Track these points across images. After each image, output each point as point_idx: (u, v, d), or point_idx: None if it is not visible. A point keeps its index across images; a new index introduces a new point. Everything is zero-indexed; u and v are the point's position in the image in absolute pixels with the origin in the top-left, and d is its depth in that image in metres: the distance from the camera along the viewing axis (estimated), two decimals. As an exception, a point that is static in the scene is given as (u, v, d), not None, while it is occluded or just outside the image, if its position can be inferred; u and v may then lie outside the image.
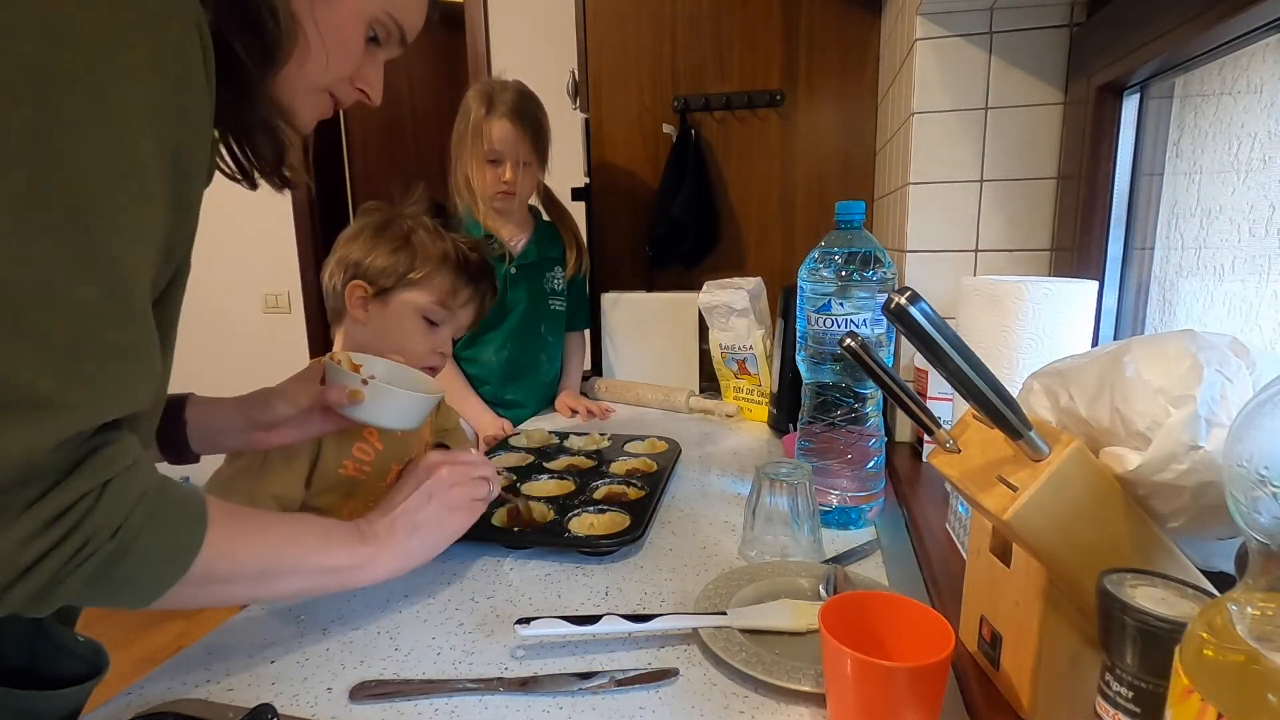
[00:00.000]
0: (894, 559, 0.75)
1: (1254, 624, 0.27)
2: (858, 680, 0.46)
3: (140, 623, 2.22)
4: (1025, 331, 0.71)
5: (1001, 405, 0.41)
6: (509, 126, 1.29)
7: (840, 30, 1.46)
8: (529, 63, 2.13)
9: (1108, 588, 0.37)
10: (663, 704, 0.54)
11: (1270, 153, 0.63)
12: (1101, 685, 0.38)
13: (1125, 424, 0.43)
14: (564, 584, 0.72)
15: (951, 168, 0.99)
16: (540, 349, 1.44)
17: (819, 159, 1.52)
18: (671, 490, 0.97)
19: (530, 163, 1.33)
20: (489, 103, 1.30)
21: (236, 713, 0.51)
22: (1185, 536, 0.44)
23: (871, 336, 0.81)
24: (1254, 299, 0.65)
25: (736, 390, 1.38)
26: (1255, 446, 0.27)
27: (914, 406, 0.52)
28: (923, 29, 0.96)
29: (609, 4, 1.56)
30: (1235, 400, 0.40)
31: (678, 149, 1.54)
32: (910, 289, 0.40)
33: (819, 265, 0.82)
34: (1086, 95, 0.86)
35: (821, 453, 0.85)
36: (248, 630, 0.64)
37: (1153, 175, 0.83)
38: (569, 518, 0.82)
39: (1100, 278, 0.86)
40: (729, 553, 0.78)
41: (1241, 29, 0.59)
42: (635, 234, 1.63)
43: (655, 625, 0.60)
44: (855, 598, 0.52)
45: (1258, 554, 0.28)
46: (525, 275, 1.40)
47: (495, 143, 1.29)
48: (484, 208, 1.34)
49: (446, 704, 0.54)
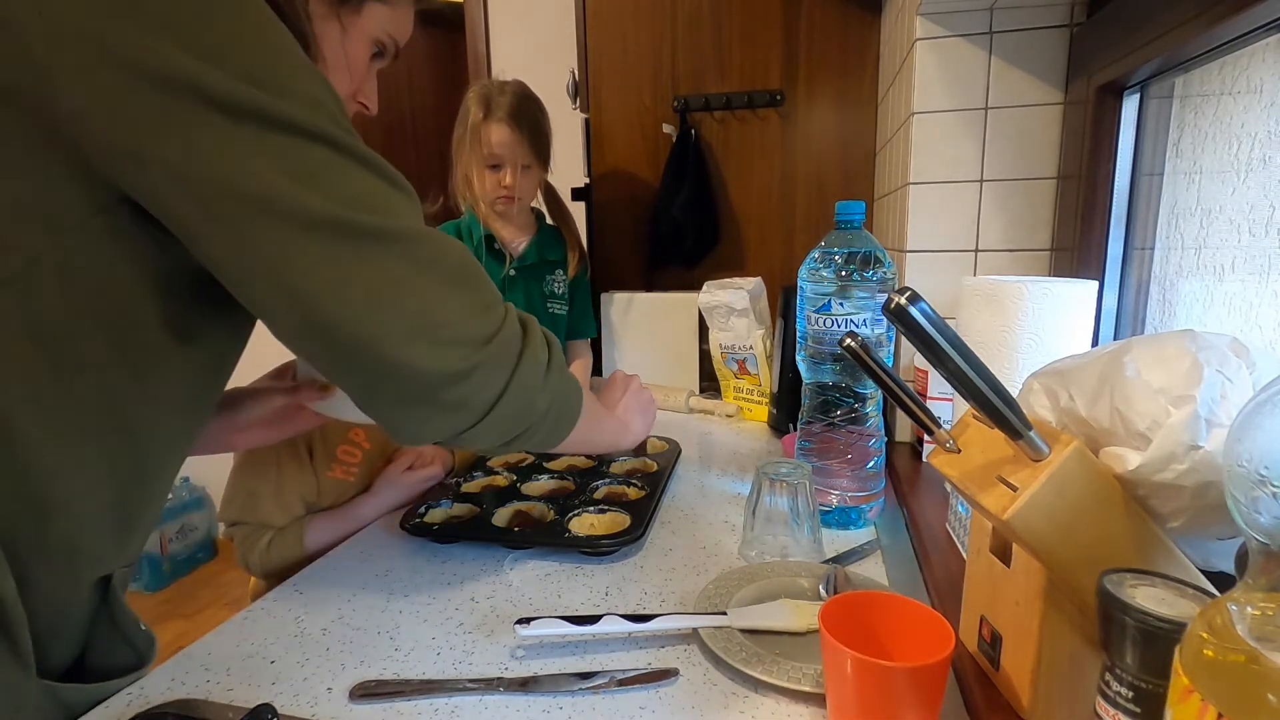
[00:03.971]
0: (894, 559, 0.75)
1: (1254, 624, 0.27)
2: (858, 680, 0.46)
3: (140, 623, 2.22)
4: (1025, 331, 0.71)
5: (1001, 405, 0.41)
6: (507, 130, 1.28)
7: (840, 30, 1.46)
8: (529, 63, 2.12)
9: (1108, 588, 0.37)
10: (663, 704, 0.54)
11: (1270, 153, 0.63)
12: (1101, 685, 0.38)
13: (1125, 424, 0.43)
14: (564, 584, 0.72)
15: (951, 168, 0.99)
16: None
17: (819, 159, 1.52)
18: (671, 490, 0.97)
19: (530, 165, 1.32)
20: (487, 106, 1.29)
21: (236, 713, 0.51)
22: (1185, 536, 0.44)
23: (871, 336, 0.81)
24: (1254, 299, 0.65)
25: (736, 390, 1.38)
26: (1255, 446, 0.27)
27: (914, 406, 0.52)
28: (923, 29, 0.96)
29: (609, 4, 1.56)
30: (1235, 400, 0.40)
31: (678, 149, 1.54)
32: (910, 289, 0.40)
33: (819, 265, 0.82)
34: (1086, 95, 0.86)
35: (821, 453, 0.85)
36: (248, 630, 0.64)
37: (1153, 175, 0.83)
38: (569, 518, 0.82)
39: (1100, 278, 0.86)
40: (729, 553, 0.78)
41: (1241, 29, 0.59)
42: (635, 234, 1.63)
43: (655, 625, 0.60)
44: (855, 598, 0.52)
45: (1258, 554, 0.28)
46: (524, 277, 1.39)
47: (494, 147, 1.29)
48: (485, 210, 1.34)
49: (446, 704, 0.54)
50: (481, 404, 0.54)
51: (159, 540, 2.51)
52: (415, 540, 0.82)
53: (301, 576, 0.74)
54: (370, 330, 0.48)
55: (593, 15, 1.57)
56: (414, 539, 0.82)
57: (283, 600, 0.70)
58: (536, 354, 0.58)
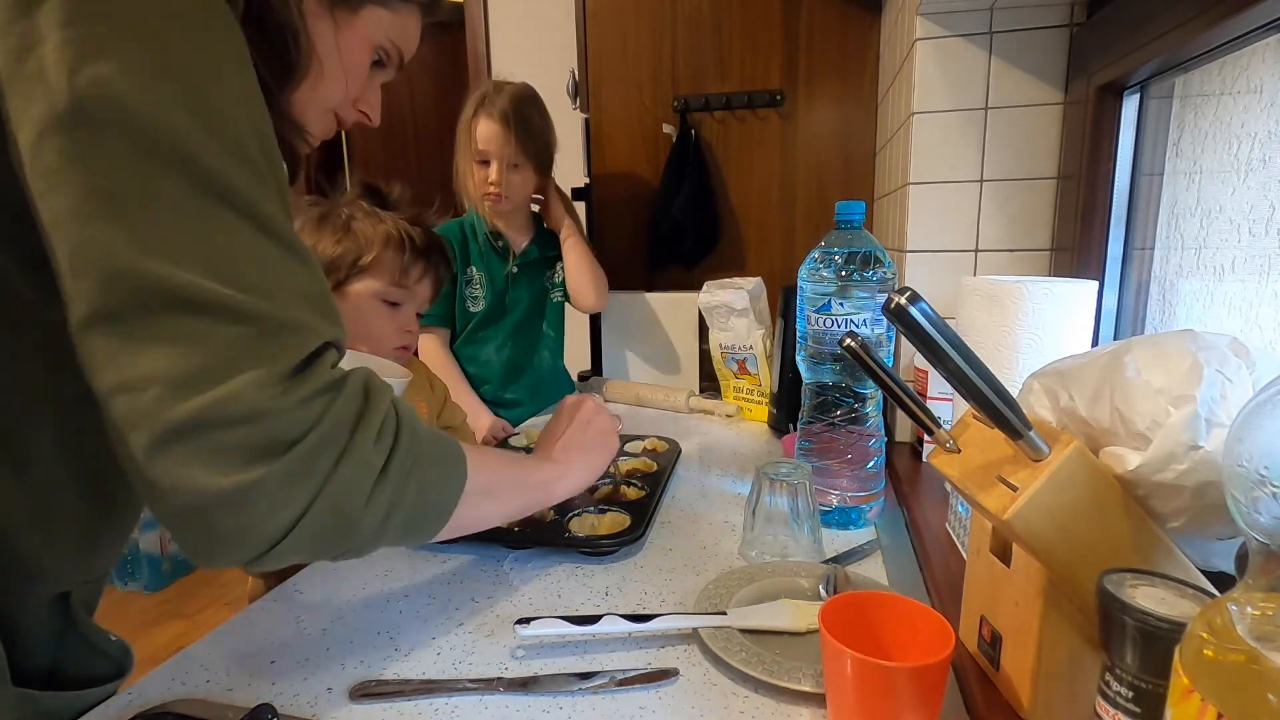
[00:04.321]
0: (894, 559, 0.75)
1: (1254, 624, 0.27)
2: (858, 680, 0.46)
3: (140, 623, 2.22)
4: (1025, 331, 0.71)
5: (1001, 405, 0.41)
6: (494, 127, 1.28)
7: (840, 30, 1.46)
8: (529, 63, 2.13)
9: (1108, 588, 0.37)
10: (663, 704, 0.54)
11: (1270, 153, 0.63)
12: (1101, 685, 0.38)
13: (1125, 424, 0.43)
14: (564, 584, 0.72)
15: (951, 168, 0.99)
16: (542, 345, 1.44)
17: (819, 159, 1.52)
18: (671, 490, 0.97)
19: (520, 165, 1.32)
20: (481, 102, 1.30)
21: (236, 713, 0.51)
22: (1185, 536, 0.44)
23: (871, 336, 0.81)
24: (1254, 299, 0.65)
25: (736, 390, 1.38)
26: (1255, 446, 0.27)
27: (914, 406, 0.52)
28: (923, 29, 0.96)
29: (609, 4, 1.56)
30: (1235, 400, 0.40)
31: (678, 149, 1.54)
32: (910, 289, 0.40)
33: (819, 265, 0.82)
34: (1086, 95, 0.86)
35: (821, 453, 0.85)
36: (248, 630, 0.64)
37: (1153, 175, 0.83)
38: (569, 518, 0.82)
39: (1100, 278, 0.86)
40: (729, 553, 0.78)
41: (1241, 29, 0.59)
42: (635, 234, 1.63)
43: (655, 625, 0.60)
44: (855, 598, 0.52)
45: (1258, 554, 0.28)
46: (526, 274, 1.40)
47: (480, 142, 1.29)
48: (482, 210, 1.34)
49: (446, 704, 0.54)
50: (271, 532, 0.41)
51: (159, 540, 2.51)
52: (415, 540, 0.82)
53: (301, 576, 0.74)
54: (120, 413, 0.39)
55: (593, 15, 1.57)
56: (414, 539, 0.82)
57: (283, 600, 0.70)
58: (364, 456, 0.44)
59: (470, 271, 1.37)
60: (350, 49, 0.58)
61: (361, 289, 0.91)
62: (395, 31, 0.60)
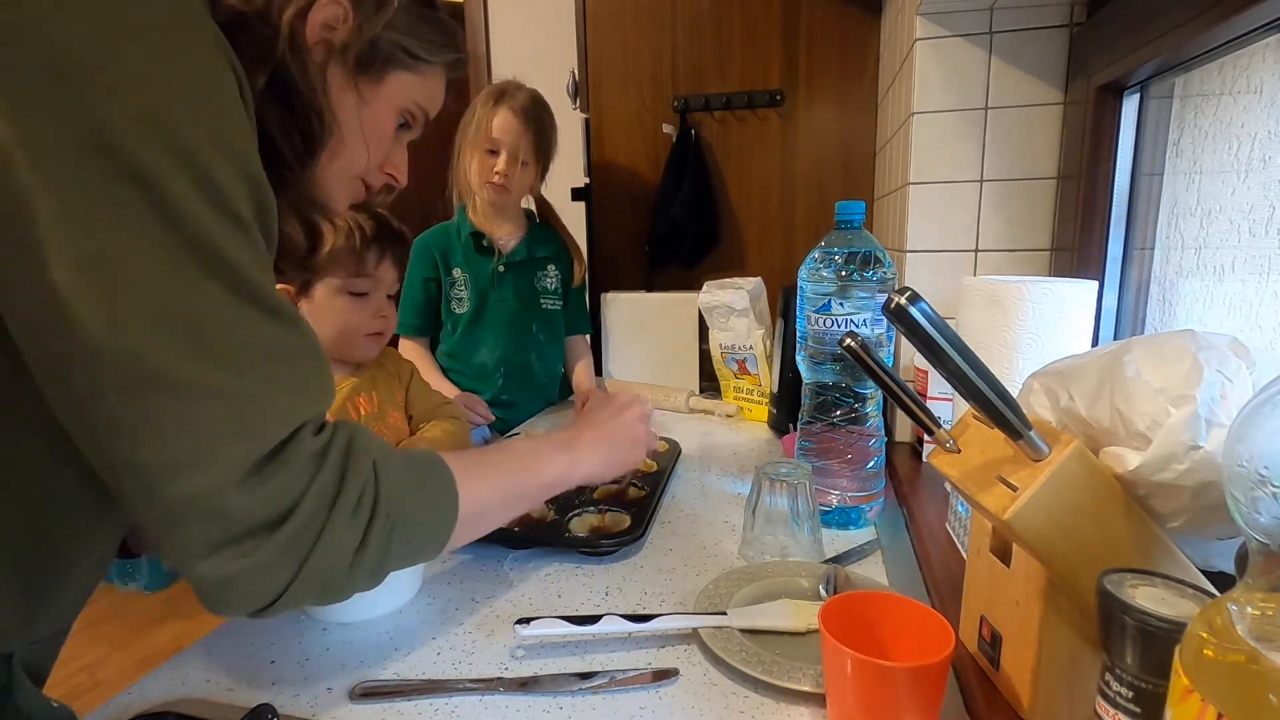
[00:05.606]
0: (894, 559, 0.75)
1: (1254, 624, 0.27)
2: (858, 680, 0.46)
3: (140, 623, 2.22)
4: (1025, 331, 0.71)
5: (1001, 405, 0.41)
6: (514, 120, 1.30)
7: (840, 30, 1.46)
8: (529, 63, 2.12)
9: (1108, 588, 0.37)
10: (663, 704, 0.54)
11: (1270, 153, 0.63)
12: (1101, 685, 0.38)
13: (1125, 424, 0.43)
14: (564, 584, 0.72)
15: (951, 168, 0.99)
16: (532, 349, 1.43)
17: (819, 159, 1.52)
18: (671, 490, 0.97)
19: (529, 163, 1.33)
20: (499, 96, 1.31)
21: (236, 713, 0.51)
22: (1185, 536, 0.44)
23: (871, 336, 0.81)
24: (1254, 299, 0.65)
25: (736, 390, 1.38)
26: (1255, 446, 0.27)
27: (914, 406, 0.52)
28: (923, 29, 0.96)
29: (609, 4, 1.56)
30: (1235, 400, 0.40)
31: (678, 149, 1.54)
32: (910, 289, 0.40)
33: (819, 265, 0.82)
34: (1086, 95, 0.86)
35: (821, 453, 0.85)
36: (248, 630, 0.64)
37: (1153, 175, 0.83)
38: (569, 518, 0.82)
39: (1100, 278, 0.86)
40: (729, 553, 0.78)
41: (1241, 29, 0.59)
42: (635, 234, 1.63)
43: (655, 625, 0.60)
44: (855, 598, 0.52)
45: (1258, 554, 0.28)
46: (513, 273, 1.39)
47: (494, 132, 1.30)
48: (479, 202, 1.34)
49: (446, 704, 0.54)
50: (261, 599, 0.42)
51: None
52: (415, 540, 0.82)
53: (301, 576, 0.74)
54: (128, 456, 0.39)
55: (593, 15, 1.57)
56: (414, 539, 0.82)
57: (283, 600, 0.70)
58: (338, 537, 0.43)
59: (455, 274, 1.37)
60: (375, 118, 0.56)
61: (324, 289, 0.92)
62: (422, 94, 0.59)
